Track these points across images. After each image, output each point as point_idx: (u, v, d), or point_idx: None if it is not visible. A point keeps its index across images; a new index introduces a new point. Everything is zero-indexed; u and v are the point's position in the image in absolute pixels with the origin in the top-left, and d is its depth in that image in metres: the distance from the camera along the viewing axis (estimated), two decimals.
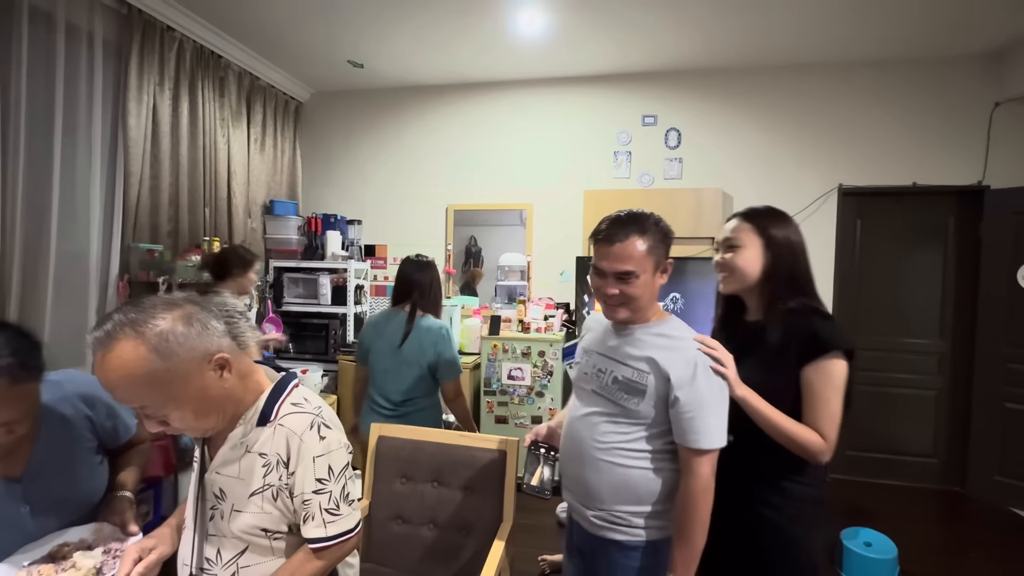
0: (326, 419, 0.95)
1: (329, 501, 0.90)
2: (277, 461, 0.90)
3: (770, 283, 1.16)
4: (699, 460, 1.04)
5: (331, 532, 0.90)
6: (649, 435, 1.09)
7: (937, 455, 3.35)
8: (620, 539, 1.12)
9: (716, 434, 1.04)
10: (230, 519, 0.90)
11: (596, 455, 1.12)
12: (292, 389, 0.96)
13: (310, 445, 0.90)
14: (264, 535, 0.91)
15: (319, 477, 0.90)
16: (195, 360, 0.81)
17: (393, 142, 4.02)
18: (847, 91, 3.34)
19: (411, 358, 1.90)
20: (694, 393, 1.03)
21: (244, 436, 0.90)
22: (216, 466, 0.92)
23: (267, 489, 0.89)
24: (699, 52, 3.27)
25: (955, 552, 2.56)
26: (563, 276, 3.73)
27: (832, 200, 3.38)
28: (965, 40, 3.00)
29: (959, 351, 3.29)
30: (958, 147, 3.21)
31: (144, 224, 2.73)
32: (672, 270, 1.14)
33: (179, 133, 2.93)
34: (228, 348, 0.87)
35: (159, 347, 0.78)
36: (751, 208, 1.24)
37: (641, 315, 1.13)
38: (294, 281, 3.72)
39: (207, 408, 0.85)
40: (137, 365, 0.76)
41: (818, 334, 1.08)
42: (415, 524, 1.59)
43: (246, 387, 0.91)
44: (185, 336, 0.81)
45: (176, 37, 2.88)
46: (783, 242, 1.16)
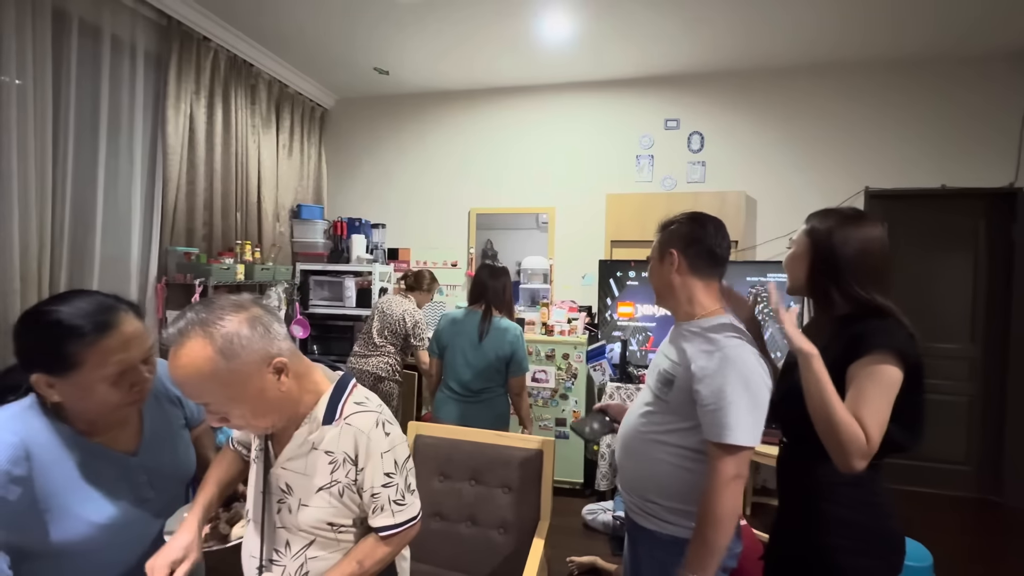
0: (388, 416, 0.99)
1: (396, 493, 0.96)
2: (344, 459, 0.93)
3: (813, 288, 1.12)
4: (721, 457, 1.01)
5: (398, 520, 0.96)
6: (682, 430, 1.10)
7: (970, 463, 3.28)
8: (651, 528, 1.15)
9: (742, 431, 0.99)
10: (297, 513, 0.94)
11: (634, 443, 1.19)
12: (352, 389, 1.00)
13: (377, 442, 0.94)
14: (330, 528, 0.94)
15: (387, 471, 0.95)
16: (255, 363, 0.85)
17: (416, 146, 4.09)
18: (870, 91, 3.31)
19: (489, 353, 2.14)
20: (715, 386, 1.02)
21: (310, 434, 0.94)
22: (283, 461, 0.96)
23: (334, 485, 0.93)
24: (720, 55, 3.27)
25: (991, 561, 2.50)
26: (585, 279, 3.74)
27: (859, 203, 3.35)
28: (994, 39, 2.96)
29: (992, 356, 3.22)
30: (989, 148, 3.16)
31: (180, 228, 2.82)
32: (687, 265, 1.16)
33: (213, 140, 3.02)
34: (287, 351, 0.90)
35: (224, 348, 0.82)
36: (829, 209, 1.18)
37: (676, 309, 1.20)
38: (320, 284, 3.79)
39: (265, 408, 0.89)
40: (204, 364, 0.81)
41: (864, 333, 1.00)
42: (453, 521, 1.61)
43: (304, 388, 0.95)
44: (248, 339, 0.84)
45: (211, 47, 2.98)
46: (827, 243, 1.09)
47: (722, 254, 1.17)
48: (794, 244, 1.18)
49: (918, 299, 3.34)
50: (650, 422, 1.16)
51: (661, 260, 1.20)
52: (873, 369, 0.97)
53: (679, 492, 1.11)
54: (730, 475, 1.01)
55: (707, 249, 1.15)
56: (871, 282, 1.06)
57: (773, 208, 3.43)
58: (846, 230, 1.09)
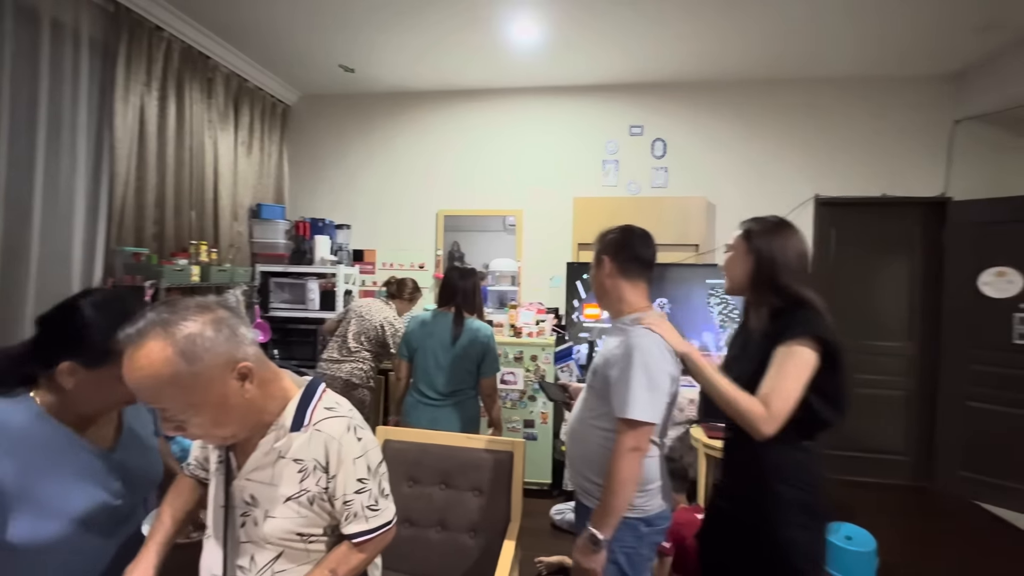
0: (359, 421, 0.97)
1: (369, 498, 0.93)
2: (315, 466, 0.90)
3: (753, 287, 1.26)
4: (623, 430, 1.16)
5: (372, 525, 0.94)
6: (606, 413, 1.24)
7: (907, 453, 3.53)
8: (589, 506, 1.25)
9: (639, 407, 1.14)
10: (263, 524, 0.90)
11: (576, 429, 1.34)
12: (322, 394, 0.96)
13: (349, 448, 0.92)
14: (299, 539, 0.91)
15: (360, 477, 0.92)
16: (218, 367, 0.80)
17: (384, 146, 4.02)
18: (823, 105, 3.52)
19: (462, 353, 2.12)
20: (625, 369, 1.17)
21: (277, 442, 0.90)
22: (247, 472, 0.91)
23: (303, 494, 0.90)
24: (682, 66, 3.39)
25: (927, 543, 2.70)
26: (553, 281, 3.78)
27: (809, 209, 3.55)
28: (929, 62, 3.22)
29: (926, 353, 3.48)
30: (923, 161, 3.42)
31: (129, 226, 2.66)
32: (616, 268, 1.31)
33: (166, 134, 2.87)
34: (253, 357, 0.85)
35: (186, 350, 0.77)
36: (755, 218, 1.31)
37: (604, 306, 1.37)
38: (281, 286, 3.66)
39: (226, 417, 0.84)
40: (163, 366, 0.76)
41: (791, 321, 1.16)
42: (423, 527, 1.60)
43: (269, 395, 0.90)
44: (212, 341, 0.80)
45: (164, 37, 2.83)
46: (763, 249, 1.24)
47: (647, 259, 1.33)
48: (733, 249, 1.31)
49: (861, 300, 3.57)
50: (585, 408, 1.32)
51: (597, 266, 1.35)
52: (791, 350, 1.12)
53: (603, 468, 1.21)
54: (628, 446, 1.15)
55: (634, 255, 1.32)
56: (800, 280, 1.22)
57: (732, 213, 3.58)
58: (783, 237, 1.25)
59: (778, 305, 1.20)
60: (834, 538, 2.41)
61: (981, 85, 3.21)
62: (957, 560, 2.54)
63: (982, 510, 3.12)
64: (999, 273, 3.17)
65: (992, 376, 3.18)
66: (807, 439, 1.18)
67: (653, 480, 1.24)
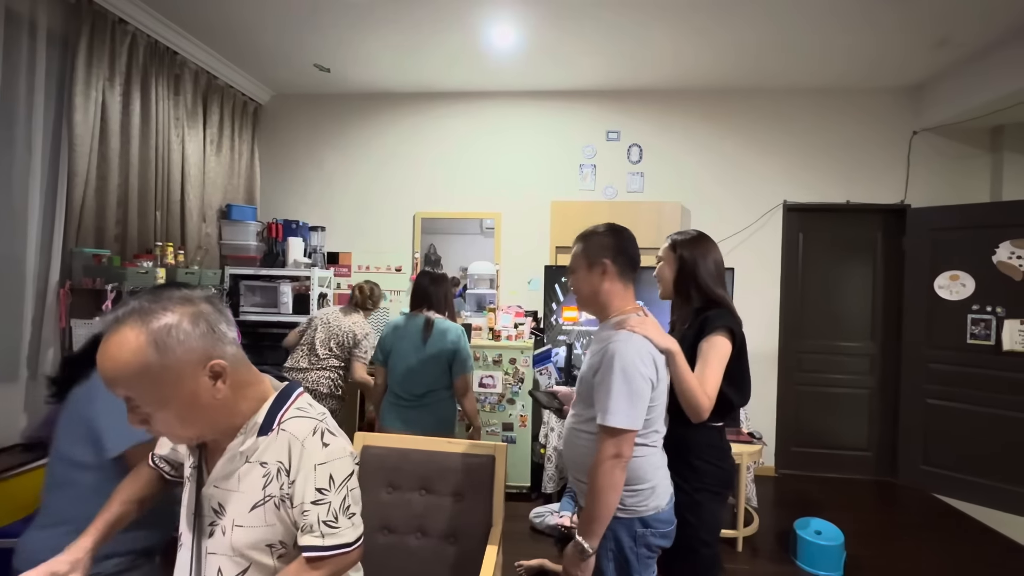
0: (330, 426, 0.91)
1: (328, 512, 0.85)
2: (278, 469, 0.85)
3: (679, 290, 1.49)
4: (604, 437, 1.15)
5: (328, 543, 0.85)
6: (592, 417, 1.23)
7: (871, 448, 3.67)
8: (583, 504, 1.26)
9: (618, 414, 1.13)
10: (230, 535, 0.85)
11: (566, 430, 1.35)
12: (297, 397, 0.93)
13: (312, 452, 0.86)
14: (268, 551, 0.87)
15: (319, 486, 0.85)
16: (191, 362, 0.78)
17: (359, 147, 3.96)
18: (792, 115, 3.65)
19: (433, 354, 2.15)
20: (602, 374, 1.18)
21: (243, 446, 0.86)
22: (214, 479, 0.87)
23: (268, 500, 0.85)
24: (658, 74, 3.46)
25: (891, 536, 2.81)
26: (531, 284, 3.79)
27: (778, 215, 3.66)
28: (889, 76, 3.37)
29: (887, 353, 3.63)
30: (884, 170, 3.58)
31: (89, 227, 2.54)
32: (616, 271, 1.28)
33: (130, 131, 2.76)
34: (231, 356, 0.83)
35: (158, 340, 0.75)
36: (681, 231, 1.55)
37: (596, 311, 1.34)
38: (252, 289, 3.56)
39: (193, 416, 0.81)
40: (133, 354, 0.74)
41: (710, 318, 1.38)
42: (402, 534, 1.56)
43: (244, 397, 0.87)
44: (188, 334, 0.77)
45: (129, 31, 2.72)
46: (687, 257, 1.47)
47: (637, 259, 1.34)
48: (663, 259, 1.53)
49: (826, 302, 3.70)
50: (574, 413, 1.33)
51: (591, 269, 1.30)
52: (713, 341, 1.35)
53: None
54: (609, 454, 1.14)
55: (629, 257, 1.31)
56: (717, 284, 1.46)
57: (705, 218, 3.67)
58: (703, 247, 1.48)
59: (698, 305, 1.43)
60: (805, 533, 2.49)
61: (937, 98, 3.38)
62: (920, 551, 2.65)
63: (942, 503, 3.27)
64: (952, 277, 3.34)
65: (949, 374, 3.35)
66: (718, 421, 1.42)
67: (645, 480, 1.21)
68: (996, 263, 3.19)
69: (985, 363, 3.21)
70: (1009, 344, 3.12)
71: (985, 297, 3.22)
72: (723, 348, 1.34)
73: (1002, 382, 3.15)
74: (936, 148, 3.52)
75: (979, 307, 3.24)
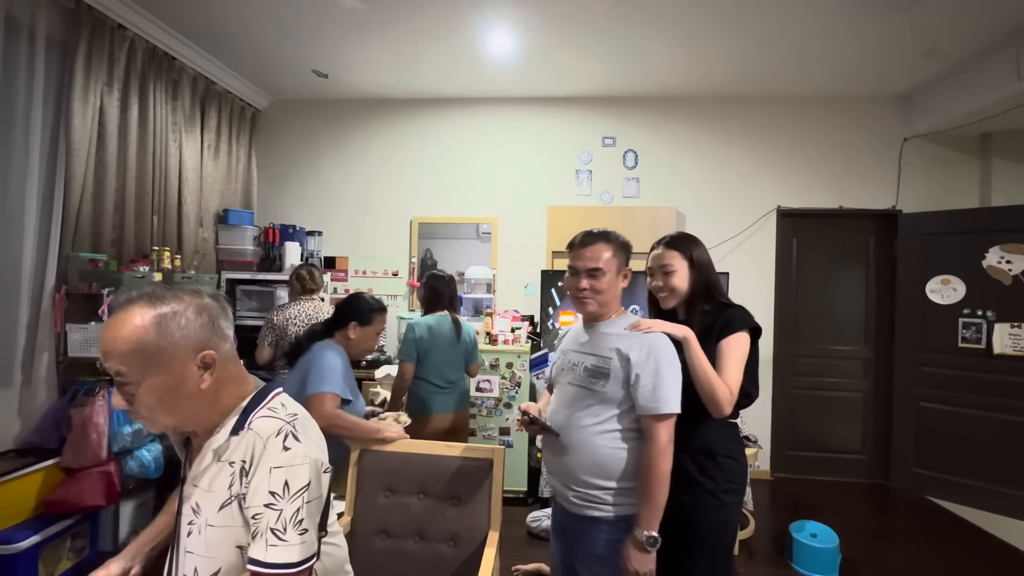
0: (298, 429, 0.86)
1: (276, 521, 0.79)
2: (241, 468, 0.83)
3: (694, 293, 1.44)
4: (658, 426, 1.20)
5: (269, 558, 0.79)
6: (617, 414, 1.26)
7: (865, 452, 3.69)
8: (595, 515, 1.27)
9: (672, 401, 1.21)
10: (204, 535, 0.84)
11: (573, 437, 1.30)
12: (273, 396, 0.92)
13: (271, 453, 0.82)
14: (239, 552, 0.84)
15: (272, 490, 0.80)
16: (186, 348, 0.82)
17: (357, 153, 3.98)
18: (785, 122, 3.69)
19: (462, 347, 2.56)
20: (651, 368, 1.22)
21: (216, 445, 0.86)
22: (192, 479, 0.87)
23: (233, 500, 0.83)
24: (653, 81, 3.50)
25: (885, 538, 2.83)
26: (528, 289, 3.81)
27: (772, 220, 3.70)
28: (880, 84, 3.43)
29: (881, 356, 3.67)
30: (875, 175, 3.63)
31: (85, 232, 2.54)
32: (631, 279, 1.38)
33: (127, 136, 2.76)
34: (223, 352, 0.86)
35: (162, 322, 0.80)
36: (673, 236, 1.49)
37: (605, 311, 1.36)
38: (248, 294, 3.55)
39: (174, 403, 0.82)
40: (134, 330, 0.79)
41: (732, 319, 1.37)
42: (400, 538, 1.57)
43: (227, 393, 0.88)
44: (189, 322, 0.82)
45: (127, 36, 2.73)
46: (700, 260, 1.44)
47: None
48: (674, 268, 1.45)
49: (820, 306, 3.74)
50: (587, 415, 1.29)
51: (618, 274, 1.35)
52: (738, 341, 1.34)
53: (622, 471, 1.25)
54: (665, 440, 1.20)
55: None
56: (720, 286, 1.46)
57: (700, 222, 3.70)
58: (703, 246, 1.47)
59: (708, 308, 1.41)
60: (800, 536, 2.50)
61: (926, 106, 3.44)
62: (913, 552, 2.67)
63: (934, 505, 3.29)
64: (944, 281, 3.39)
65: (941, 377, 3.38)
66: (734, 417, 1.40)
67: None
68: (986, 267, 3.23)
69: (976, 366, 3.25)
70: (1000, 347, 3.16)
71: (976, 301, 3.26)
72: (745, 346, 1.35)
73: (993, 385, 3.19)
74: (926, 154, 3.57)
75: (970, 311, 3.28)
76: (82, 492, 2.23)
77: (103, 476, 2.28)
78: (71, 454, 2.25)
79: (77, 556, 2.30)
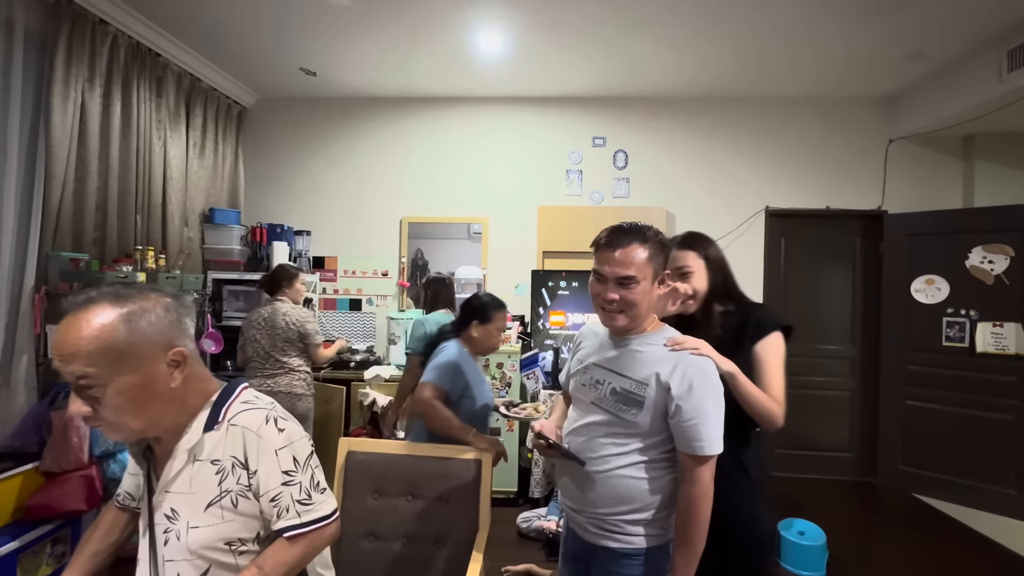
0: (280, 413, 0.92)
1: (300, 492, 0.87)
2: (233, 464, 0.86)
3: (712, 294, 1.35)
4: (701, 467, 1.05)
5: (306, 519, 0.87)
6: (645, 445, 1.10)
7: (852, 450, 3.73)
8: (613, 546, 1.13)
9: (717, 440, 1.05)
10: (187, 537, 0.84)
11: (595, 466, 1.13)
12: (241, 391, 0.93)
13: (270, 439, 0.87)
14: (228, 549, 0.86)
15: (285, 469, 0.87)
16: (156, 345, 0.81)
17: (346, 152, 3.94)
18: (774, 123, 3.73)
19: None
20: (694, 401, 1.05)
21: (190, 445, 0.86)
22: (164, 485, 0.86)
23: (224, 496, 0.85)
24: (642, 81, 3.51)
25: (872, 535, 2.86)
26: (518, 289, 3.80)
27: (760, 220, 3.73)
28: (866, 86, 3.47)
29: (867, 355, 3.71)
30: (862, 176, 3.67)
31: (66, 231, 2.48)
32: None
33: (110, 134, 2.71)
34: (190, 351, 0.86)
35: (130, 317, 0.79)
36: (684, 235, 1.40)
37: (638, 324, 1.14)
38: (235, 294, 3.50)
39: (144, 403, 0.81)
40: (103, 328, 0.76)
41: (762, 319, 1.30)
42: (388, 540, 1.55)
43: (193, 392, 0.88)
44: (159, 319, 0.82)
45: (110, 31, 2.68)
46: (716, 259, 1.36)
47: None
48: (692, 270, 1.34)
49: (808, 306, 3.77)
50: (611, 443, 1.12)
51: (656, 281, 1.13)
52: (775, 344, 1.28)
53: (642, 502, 1.11)
54: (708, 481, 1.06)
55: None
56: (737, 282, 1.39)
57: (689, 223, 3.71)
58: (717, 247, 1.39)
59: (729, 308, 1.32)
60: (788, 533, 2.52)
61: (912, 108, 3.49)
62: (900, 549, 2.70)
63: (921, 502, 3.33)
64: (928, 281, 3.43)
65: (926, 376, 3.43)
66: (758, 425, 1.31)
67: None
68: (969, 267, 3.28)
69: (960, 365, 3.30)
70: (982, 346, 3.21)
71: (959, 300, 3.31)
72: (782, 347, 1.28)
73: (976, 383, 3.24)
74: (911, 156, 3.62)
75: (954, 310, 3.33)
76: (63, 497, 2.18)
77: (84, 480, 2.23)
78: (51, 458, 2.19)
79: (57, 562, 2.25)
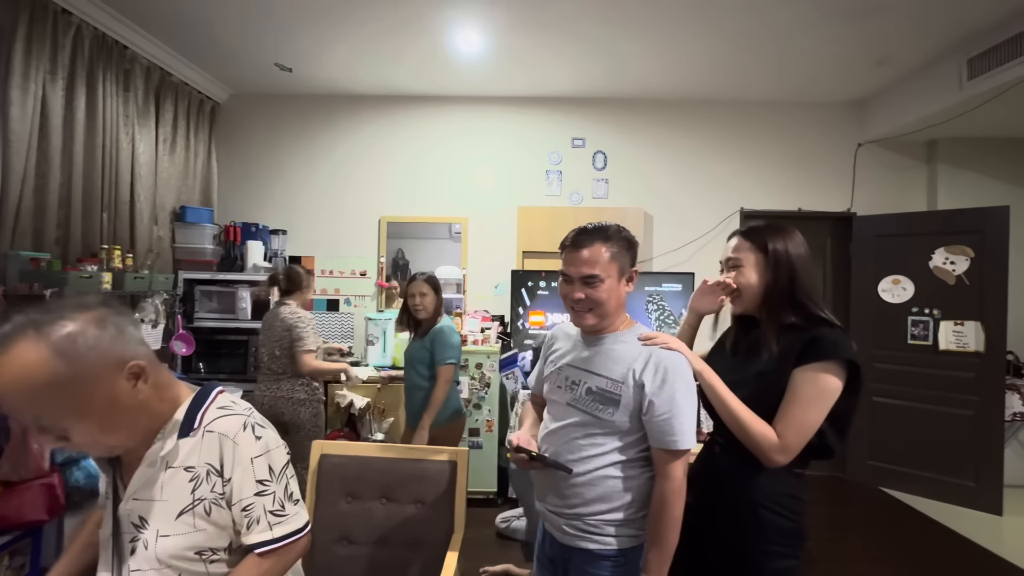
0: (258, 419, 0.90)
1: (273, 502, 0.86)
2: (208, 471, 0.83)
3: (769, 297, 1.13)
4: (673, 463, 1.06)
5: (277, 534, 0.85)
6: (623, 444, 1.10)
7: None
8: (591, 548, 1.12)
9: (690, 435, 1.06)
10: (155, 546, 0.81)
11: (572, 466, 1.12)
12: (216, 395, 0.90)
13: (246, 446, 0.85)
14: (198, 559, 0.83)
15: (260, 479, 0.85)
16: (106, 367, 0.75)
17: (323, 150, 3.88)
18: (748, 126, 3.80)
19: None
20: (666, 396, 1.05)
21: (163, 451, 0.83)
22: (133, 492, 0.84)
23: (198, 504, 0.83)
24: (623, 82, 3.55)
25: (841, 528, 2.95)
26: (497, 289, 3.79)
27: (735, 221, 3.80)
28: (835, 91, 3.57)
29: None
30: (832, 179, 3.78)
31: (26, 228, 2.39)
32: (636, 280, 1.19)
33: (73, 128, 2.61)
34: (145, 357, 0.81)
35: (64, 350, 0.71)
36: (752, 225, 1.21)
37: (609, 323, 1.15)
38: (208, 294, 3.41)
39: (116, 421, 0.78)
40: (36, 369, 0.69)
41: (816, 340, 1.04)
42: (362, 544, 1.53)
43: (162, 398, 0.84)
44: (97, 338, 0.74)
45: (73, 22, 2.58)
46: (782, 255, 1.13)
47: None
48: (742, 262, 1.17)
49: None
50: (590, 444, 1.12)
51: (621, 278, 1.13)
52: (816, 376, 1.02)
53: (621, 502, 1.11)
54: (680, 478, 1.06)
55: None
56: (817, 293, 1.11)
57: (667, 224, 3.77)
58: (797, 241, 1.14)
59: (791, 322, 1.09)
60: None
61: (879, 113, 3.60)
62: (867, 542, 2.78)
63: (888, 495, 3.45)
64: (894, 281, 3.55)
65: (893, 373, 3.55)
66: (803, 466, 1.11)
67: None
68: (932, 268, 3.41)
69: (924, 362, 3.42)
70: (945, 344, 3.34)
71: (923, 300, 3.44)
72: (829, 385, 1.01)
73: (939, 380, 3.36)
74: (879, 159, 3.74)
75: (918, 309, 3.45)
76: (22, 507, 2.09)
77: (45, 489, 2.14)
78: (9, 466, 2.10)
79: (17, 574, 2.16)
